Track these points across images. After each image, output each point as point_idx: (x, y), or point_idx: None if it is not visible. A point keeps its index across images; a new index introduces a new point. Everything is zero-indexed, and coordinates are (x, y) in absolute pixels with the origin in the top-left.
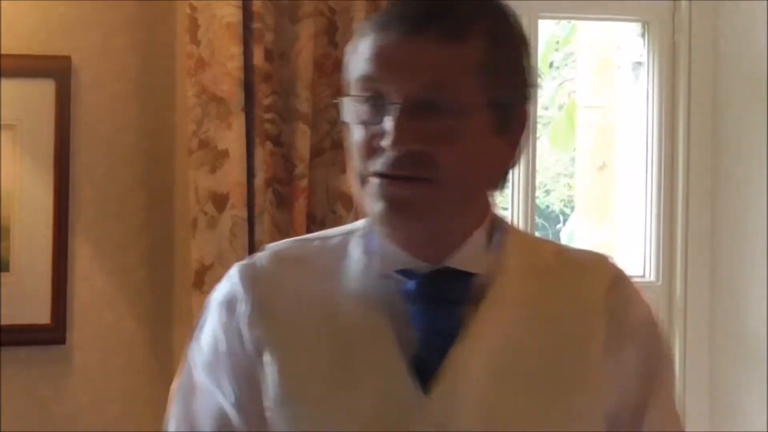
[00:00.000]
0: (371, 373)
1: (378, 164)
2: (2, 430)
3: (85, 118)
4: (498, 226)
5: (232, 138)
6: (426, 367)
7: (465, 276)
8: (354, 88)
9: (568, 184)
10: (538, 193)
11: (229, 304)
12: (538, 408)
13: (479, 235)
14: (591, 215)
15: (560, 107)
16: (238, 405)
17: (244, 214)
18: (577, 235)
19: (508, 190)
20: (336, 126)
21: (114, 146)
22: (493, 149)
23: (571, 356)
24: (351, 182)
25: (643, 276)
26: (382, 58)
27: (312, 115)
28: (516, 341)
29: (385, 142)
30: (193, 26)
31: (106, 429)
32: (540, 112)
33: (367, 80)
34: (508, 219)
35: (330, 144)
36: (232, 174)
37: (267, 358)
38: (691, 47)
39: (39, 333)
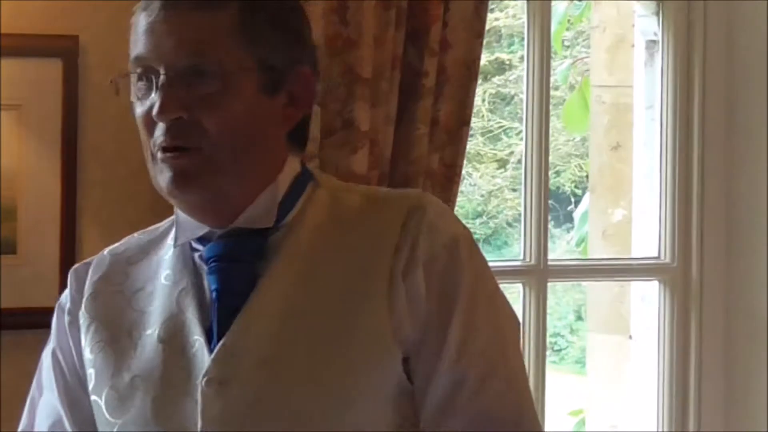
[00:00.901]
0: (169, 339)
1: (157, 137)
2: (8, 413)
3: (93, 98)
4: (304, 181)
5: None
6: (218, 328)
7: (257, 233)
8: (131, 68)
9: (580, 164)
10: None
11: (60, 305)
12: (319, 358)
13: (269, 193)
14: (605, 195)
15: (572, 87)
16: (66, 400)
17: None
18: (591, 215)
19: (520, 171)
20: (347, 106)
21: (122, 126)
22: (265, 110)
23: (354, 298)
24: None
25: (659, 257)
26: (147, 35)
27: (322, 95)
28: (303, 296)
29: (154, 112)
30: None
31: None
32: (551, 92)
33: (138, 58)
34: (319, 172)
35: (341, 124)
36: None
37: (83, 346)
38: (706, 25)
39: (46, 316)
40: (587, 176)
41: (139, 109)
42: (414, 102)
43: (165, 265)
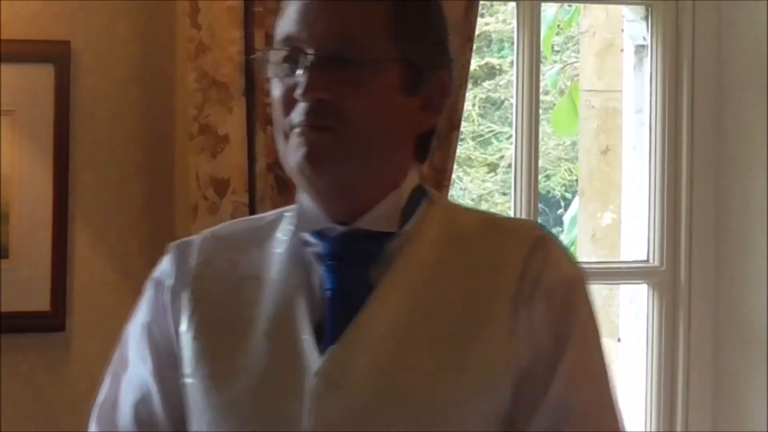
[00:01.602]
0: (276, 334)
1: (295, 116)
2: (1, 417)
3: (85, 103)
4: (422, 196)
5: (233, 123)
6: (330, 329)
7: (375, 238)
8: (276, 45)
9: (569, 168)
10: (539, 177)
11: (158, 280)
12: (435, 369)
13: (392, 199)
14: (594, 199)
15: (562, 91)
16: (158, 375)
17: (245, 199)
18: (580, 219)
19: (510, 175)
20: None
21: (114, 131)
22: (402, 107)
23: (475, 316)
24: (276, 141)
25: (647, 261)
26: (299, 16)
27: None
28: (422, 305)
29: (297, 93)
30: (194, 10)
31: None
32: (541, 96)
33: (286, 39)
34: (437, 193)
35: None
36: (233, 159)
37: (183, 327)
38: (694, 29)
39: (38, 320)
40: (577, 180)
41: (279, 88)
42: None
43: (277, 259)
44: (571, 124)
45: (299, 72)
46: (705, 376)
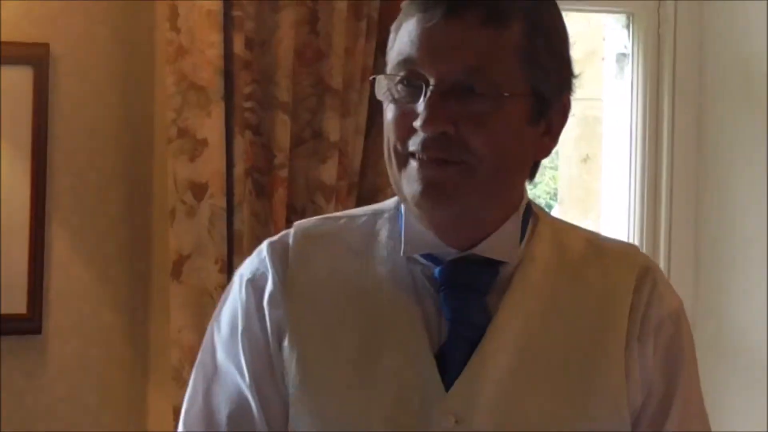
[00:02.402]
0: (395, 361)
1: (412, 144)
2: None
3: (64, 107)
4: (530, 214)
5: (211, 127)
6: (451, 358)
7: (492, 264)
8: (392, 68)
9: (554, 176)
10: None
11: (254, 282)
12: (555, 407)
13: (512, 224)
14: (575, 207)
15: None
16: (255, 387)
17: (223, 203)
18: None
19: None
20: (317, 116)
21: (92, 135)
22: (528, 137)
23: (591, 352)
24: (386, 162)
25: None
26: (422, 40)
27: (292, 105)
28: (538, 337)
29: (417, 123)
30: (173, 14)
31: (82, 420)
32: None
33: (406, 61)
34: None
35: (310, 134)
36: (212, 163)
37: (288, 340)
38: (676, 39)
39: (15, 323)
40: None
41: (393, 112)
42: (383, 113)
43: (384, 276)
44: None
45: (421, 100)
46: None
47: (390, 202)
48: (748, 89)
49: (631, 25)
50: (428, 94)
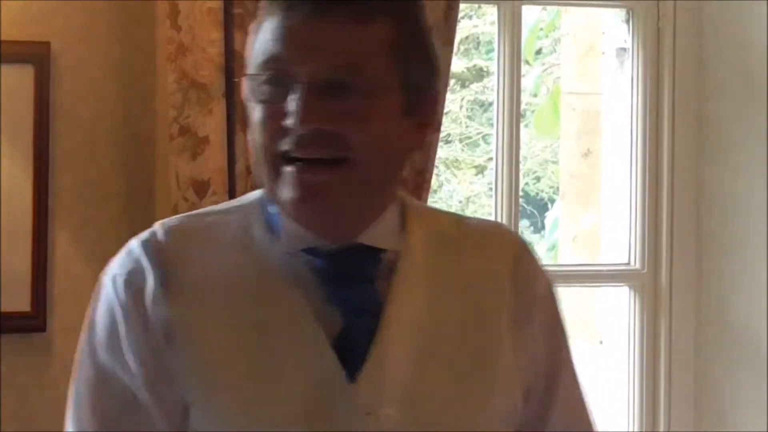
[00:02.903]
0: (296, 359)
1: (285, 144)
2: None
3: (65, 104)
4: (400, 202)
5: (212, 124)
6: (351, 349)
7: (374, 251)
8: (257, 68)
9: (555, 170)
10: (527, 180)
11: (130, 281)
12: (459, 387)
13: (391, 213)
14: (576, 202)
15: (545, 94)
16: (148, 385)
17: (225, 200)
18: (561, 221)
19: (492, 178)
20: None
21: (94, 132)
22: (404, 130)
23: (485, 331)
24: (254, 164)
25: (629, 263)
26: (288, 38)
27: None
28: (432, 319)
29: (290, 122)
30: (174, 11)
31: None
32: (527, 99)
33: (272, 60)
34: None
35: None
36: (213, 160)
37: (179, 339)
38: (675, 33)
39: (18, 320)
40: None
41: (261, 113)
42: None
43: (268, 272)
44: (554, 126)
45: (290, 99)
46: (686, 378)
47: (251, 198)
48: (748, 82)
49: (630, 20)
50: (300, 91)
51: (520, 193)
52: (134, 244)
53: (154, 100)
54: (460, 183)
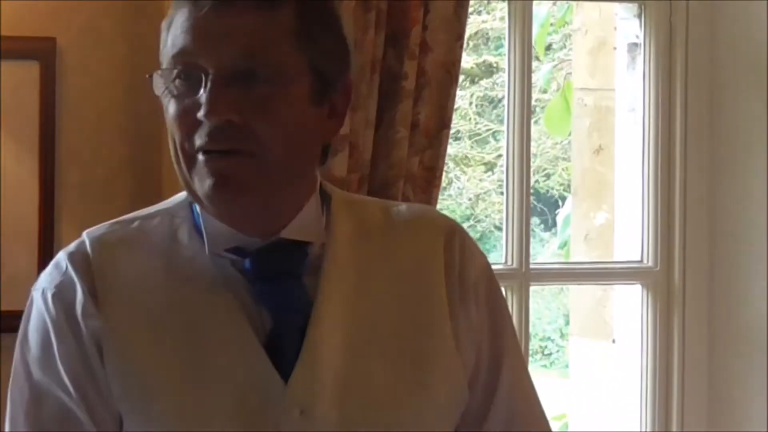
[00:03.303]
0: (228, 361)
1: (198, 138)
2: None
3: (71, 101)
4: (324, 193)
5: None
6: (282, 348)
7: (299, 247)
8: (168, 62)
9: (567, 167)
10: (538, 177)
11: (60, 295)
12: (394, 381)
13: (311, 206)
14: (588, 199)
15: (555, 90)
16: (81, 399)
17: None
18: (573, 219)
19: (503, 174)
20: None
21: (100, 129)
22: (314, 119)
23: (418, 319)
24: (173, 160)
25: (641, 261)
26: (195, 30)
27: None
28: (363, 312)
29: (201, 113)
30: None
31: None
32: (537, 95)
33: (181, 54)
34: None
35: None
36: None
37: (108, 350)
38: (688, 28)
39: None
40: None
41: (174, 108)
42: (394, 105)
43: (195, 276)
44: (564, 122)
45: (201, 91)
46: (700, 376)
47: (177, 199)
48: (761, 79)
49: (642, 15)
50: (208, 83)
51: (531, 191)
52: (61, 256)
53: (159, 96)
54: (470, 180)
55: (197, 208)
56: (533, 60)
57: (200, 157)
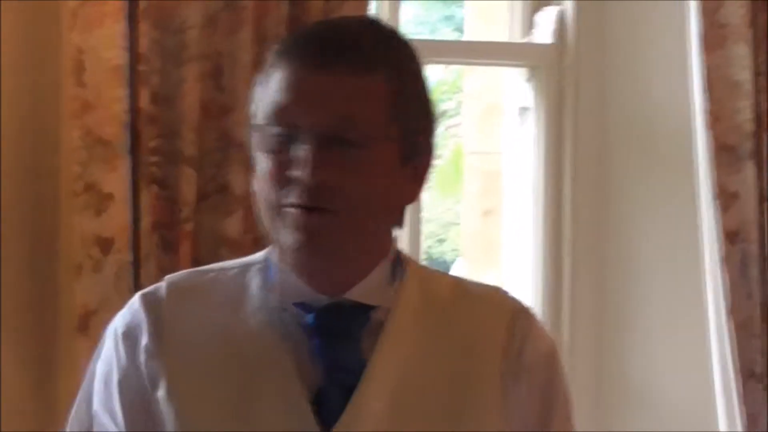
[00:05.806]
0: (272, 410)
1: (292, 195)
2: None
3: None
4: (399, 260)
5: (117, 181)
6: (328, 404)
7: (364, 309)
8: (266, 118)
9: (458, 231)
10: (431, 242)
11: (129, 334)
12: None
13: (382, 269)
14: (477, 261)
15: (447, 155)
16: None
17: (129, 257)
18: None
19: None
20: (222, 170)
21: None
22: (400, 181)
23: (467, 394)
24: (261, 213)
25: None
26: (293, 90)
27: (198, 159)
28: (413, 380)
29: (298, 172)
30: (79, 68)
31: None
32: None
33: (279, 111)
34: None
35: (215, 188)
36: (117, 217)
37: (162, 391)
38: (578, 93)
39: None
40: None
41: (268, 162)
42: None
43: (257, 327)
44: (456, 186)
45: (298, 150)
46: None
47: (259, 255)
48: (651, 143)
49: (532, 79)
50: (307, 143)
51: (424, 256)
52: (137, 297)
53: (58, 156)
54: None
55: (273, 261)
56: None
57: (289, 210)
